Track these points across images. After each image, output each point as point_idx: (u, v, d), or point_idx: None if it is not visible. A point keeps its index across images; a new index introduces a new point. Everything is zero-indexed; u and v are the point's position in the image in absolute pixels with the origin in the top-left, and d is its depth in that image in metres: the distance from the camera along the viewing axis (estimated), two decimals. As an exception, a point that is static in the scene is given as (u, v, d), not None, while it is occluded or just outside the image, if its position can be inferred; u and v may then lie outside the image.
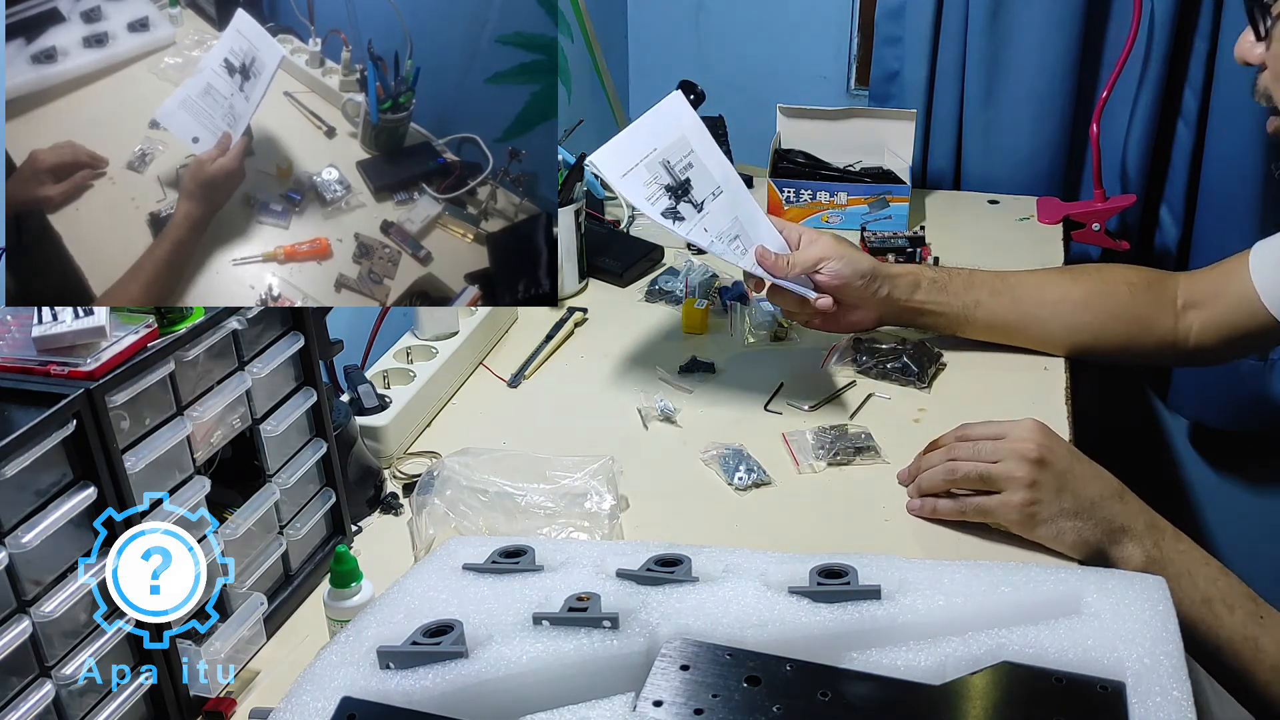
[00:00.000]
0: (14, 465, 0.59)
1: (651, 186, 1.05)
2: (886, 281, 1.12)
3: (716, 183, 1.08)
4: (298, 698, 0.62)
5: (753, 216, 1.10)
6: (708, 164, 1.09)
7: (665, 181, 1.05)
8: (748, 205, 1.10)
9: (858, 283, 1.10)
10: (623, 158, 1.05)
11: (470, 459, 0.94)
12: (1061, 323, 1.14)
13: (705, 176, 1.08)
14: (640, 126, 1.08)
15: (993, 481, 0.88)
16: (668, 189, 1.05)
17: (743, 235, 1.08)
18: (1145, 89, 1.56)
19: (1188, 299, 1.11)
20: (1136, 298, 1.13)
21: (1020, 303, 1.15)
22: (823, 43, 1.85)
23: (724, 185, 1.09)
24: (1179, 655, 0.59)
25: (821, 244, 1.10)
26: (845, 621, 0.63)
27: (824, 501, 0.97)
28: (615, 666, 0.62)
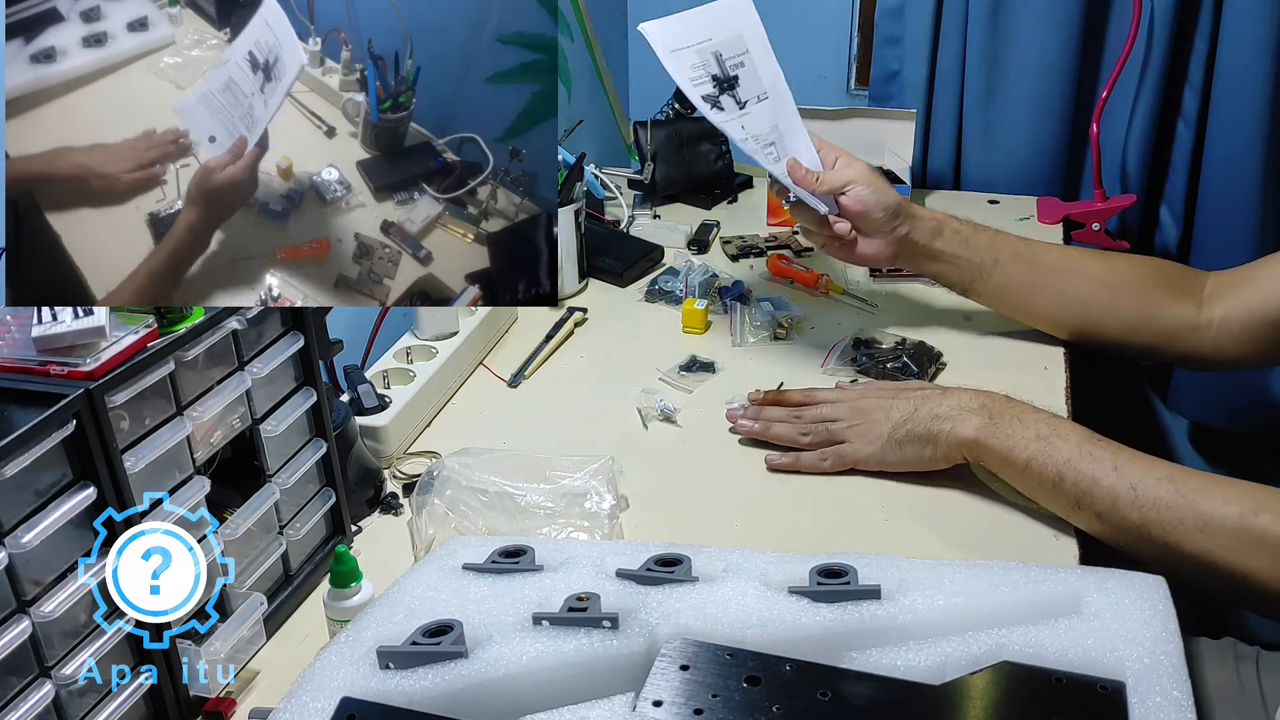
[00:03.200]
0: (14, 465, 0.59)
1: (698, 71, 1.05)
2: (909, 221, 1.12)
3: (764, 88, 1.09)
4: (297, 698, 0.62)
5: (793, 129, 1.10)
6: (759, 69, 1.08)
7: (713, 71, 1.06)
8: (790, 118, 1.10)
9: (879, 214, 1.10)
10: (675, 36, 1.05)
11: (470, 459, 0.94)
12: (1076, 295, 1.12)
13: (754, 79, 1.08)
14: (699, 13, 1.08)
15: (838, 435, 0.99)
16: (714, 79, 1.06)
17: (779, 144, 1.09)
18: (1145, 89, 1.56)
19: (1214, 289, 1.08)
20: (1161, 279, 1.11)
21: (1039, 269, 1.14)
22: (823, 43, 1.85)
23: (771, 93, 1.09)
24: (1179, 655, 0.59)
25: (854, 168, 1.10)
26: (845, 621, 0.63)
27: (824, 501, 0.97)
28: (615, 666, 0.62)
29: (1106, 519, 0.84)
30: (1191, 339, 1.08)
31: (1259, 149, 1.49)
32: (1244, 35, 1.45)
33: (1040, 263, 1.14)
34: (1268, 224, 1.55)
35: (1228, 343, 1.07)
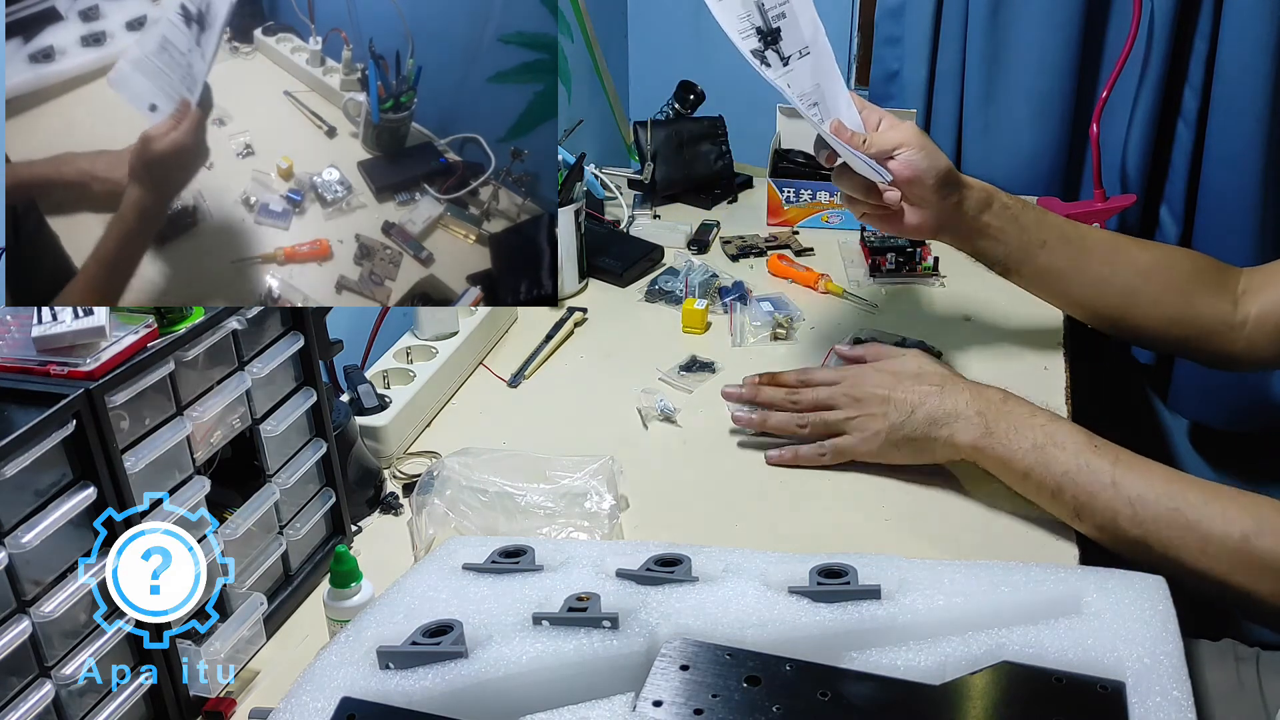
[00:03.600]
0: (14, 465, 0.59)
1: (744, 23, 0.98)
2: (960, 189, 1.04)
3: (805, 42, 1.02)
4: (297, 698, 0.62)
5: (834, 88, 1.03)
6: (800, 19, 1.01)
7: (757, 23, 0.99)
8: (831, 75, 1.03)
9: (930, 180, 1.01)
10: None
11: (470, 459, 0.94)
12: (1121, 284, 1.07)
13: (796, 32, 1.01)
14: None
15: (836, 427, 0.98)
16: (758, 31, 0.99)
17: (821, 104, 1.02)
18: (1145, 89, 1.56)
19: (1248, 285, 1.05)
20: (1199, 273, 1.07)
21: (1085, 254, 1.07)
22: (823, 43, 1.85)
23: (812, 47, 1.02)
24: (1179, 655, 0.59)
25: (903, 130, 1.01)
26: (845, 621, 0.63)
27: (824, 501, 0.97)
28: (615, 666, 0.62)
29: (1106, 530, 0.84)
30: (1227, 337, 1.05)
31: (1259, 149, 1.49)
32: (1244, 35, 1.45)
33: (1087, 247, 1.07)
34: (1268, 224, 1.55)
35: (1262, 341, 1.04)
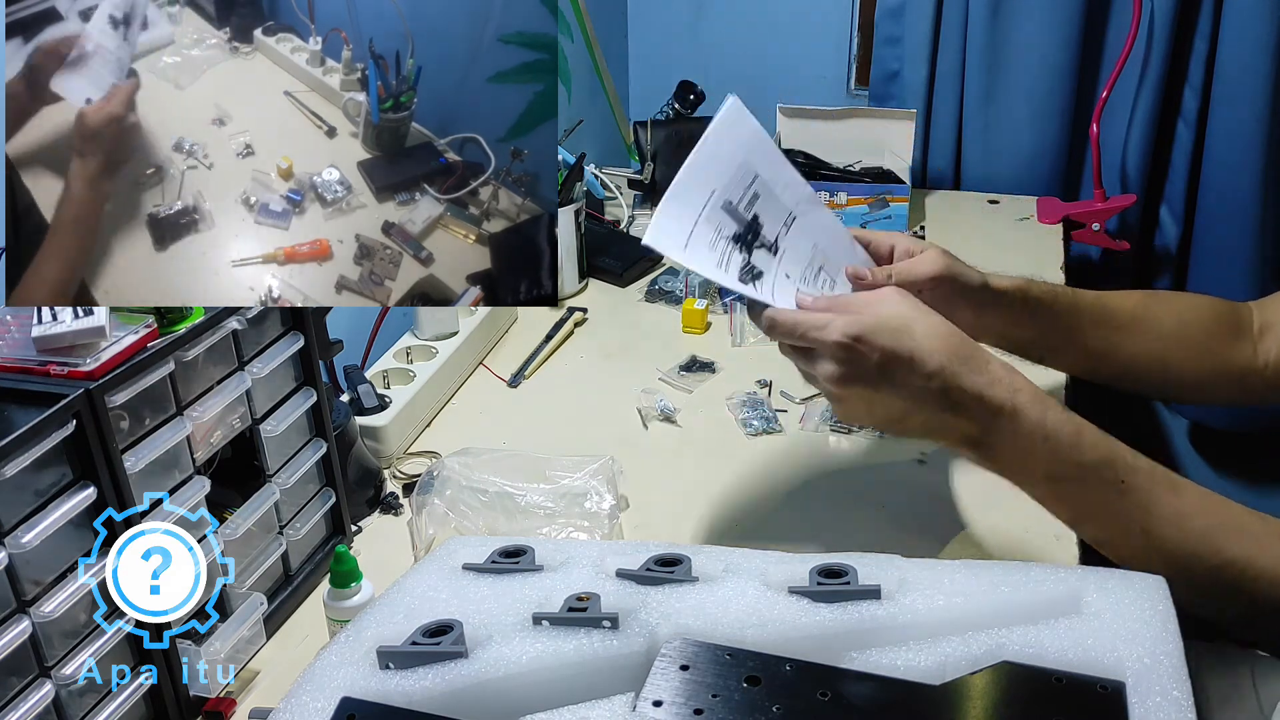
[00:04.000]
0: (14, 465, 0.59)
1: (718, 246, 0.82)
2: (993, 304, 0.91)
3: (788, 208, 0.86)
4: (297, 698, 0.62)
5: (832, 232, 0.89)
6: (774, 186, 0.85)
7: (731, 231, 0.83)
8: (823, 220, 0.88)
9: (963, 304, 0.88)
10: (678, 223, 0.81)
11: (470, 459, 0.94)
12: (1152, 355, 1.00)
13: (774, 204, 0.85)
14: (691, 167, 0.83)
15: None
16: (735, 239, 0.83)
17: (827, 264, 0.87)
18: (1145, 89, 1.56)
19: (1262, 322, 1.00)
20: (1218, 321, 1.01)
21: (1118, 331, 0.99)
22: (823, 43, 1.85)
23: (795, 208, 0.86)
24: (1179, 655, 0.58)
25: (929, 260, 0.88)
26: (845, 621, 0.63)
27: (824, 499, 0.97)
28: (615, 666, 0.62)
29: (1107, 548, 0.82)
30: (1254, 380, 1.00)
31: (1259, 149, 1.49)
32: (1244, 35, 1.46)
33: (1119, 325, 0.99)
34: (1268, 224, 1.55)
35: None
